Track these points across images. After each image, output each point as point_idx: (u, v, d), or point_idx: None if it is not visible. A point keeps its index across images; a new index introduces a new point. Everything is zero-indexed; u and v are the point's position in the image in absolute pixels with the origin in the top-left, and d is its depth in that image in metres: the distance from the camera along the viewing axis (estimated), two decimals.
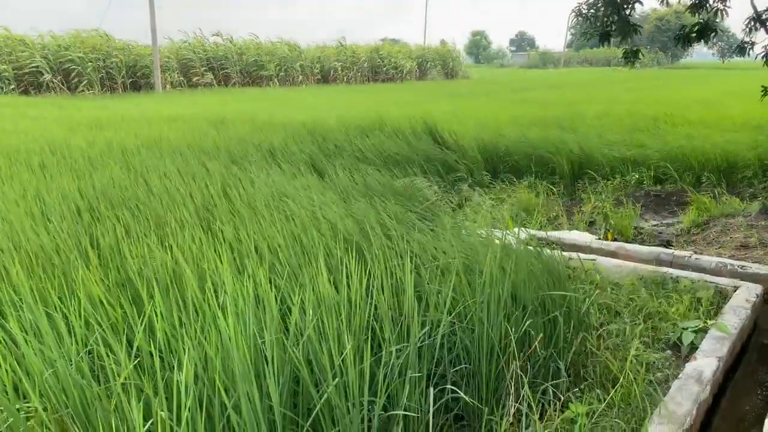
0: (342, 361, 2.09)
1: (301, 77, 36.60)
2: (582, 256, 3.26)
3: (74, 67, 27.71)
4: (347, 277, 2.42)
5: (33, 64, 26.64)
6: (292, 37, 40.57)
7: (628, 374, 2.67)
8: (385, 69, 42.11)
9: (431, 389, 2.18)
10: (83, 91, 27.67)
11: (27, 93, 26.11)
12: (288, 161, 6.42)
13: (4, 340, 2.11)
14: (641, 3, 7.58)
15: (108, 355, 1.97)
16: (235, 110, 13.71)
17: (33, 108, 15.73)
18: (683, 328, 3.29)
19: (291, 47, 36.99)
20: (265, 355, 2.00)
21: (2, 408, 1.87)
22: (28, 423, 1.89)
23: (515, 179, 7.19)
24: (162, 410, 1.66)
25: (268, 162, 6.46)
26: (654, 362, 3.03)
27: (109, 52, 29.14)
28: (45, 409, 1.86)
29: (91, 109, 14.76)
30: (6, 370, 1.94)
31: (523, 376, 2.43)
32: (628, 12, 7.62)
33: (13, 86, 25.89)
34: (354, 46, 41.53)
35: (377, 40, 45.36)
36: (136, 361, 2.02)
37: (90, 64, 28.12)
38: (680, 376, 2.82)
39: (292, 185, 4.58)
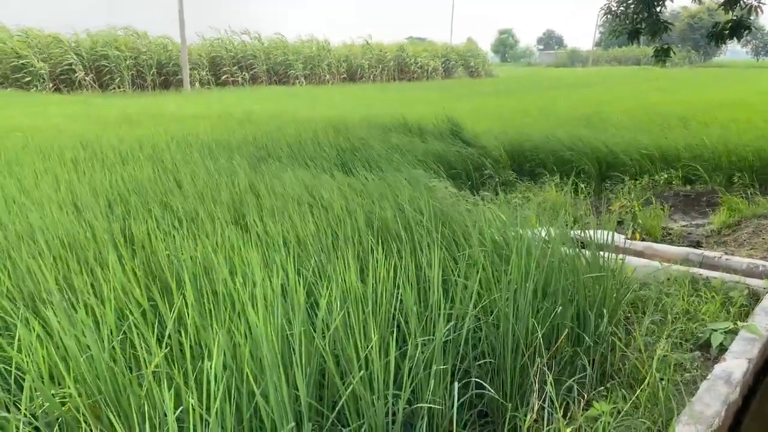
0: (367, 354, 2.11)
1: (327, 76, 36.77)
2: (609, 255, 3.23)
3: (106, 65, 28.24)
4: (374, 270, 2.43)
5: (67, 62, 27.18)
6: (320, 35, 40.77)
7: (655, 374, 2.64)
8: (410, 67, 42.08)
9: (456, 384, 2.19)
10: (114, 89, 28.18)
11: (60, 91, 26.66)
12: (314, 158, 6.47)
13: (40, 327, 2.17)
14: (672, 0, 7.47)
15: (141, 346, 2.01)
16: (263, 108, 13.83)
17: (66, 105, 16.07)
18: (712, 329, 3.24)
19: (319, 45, 37.16)
20: (293, 346, 2.03)
21: (39, 393, 1.93)
22: (63, 408, 1.94)
23: (541, 178, 7.15)
24: (192, 398, 1.70)
25: (294, 159, 6.51)
26: (682, 363, 2.99)
27: (139, 50, 29.61)
28: (79, 395, 1.91)
29: (122, 107, 15.03)
30: (42, 357, 2.00)
31: (548, 373, 2.43)
32: (658, 9, 7.51)
33: (47, 84, 26.45)
34: (380, 45, 41.58)
35: (403, 39, 45.33)
36: (166, 350, 2.06)
37: (122, 62, 28.63)
38: (709, 377, 2.78)
39: (318, 181, 4.62)
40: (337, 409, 2.07)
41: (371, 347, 2.08)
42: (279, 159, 6.35)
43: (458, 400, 2.19)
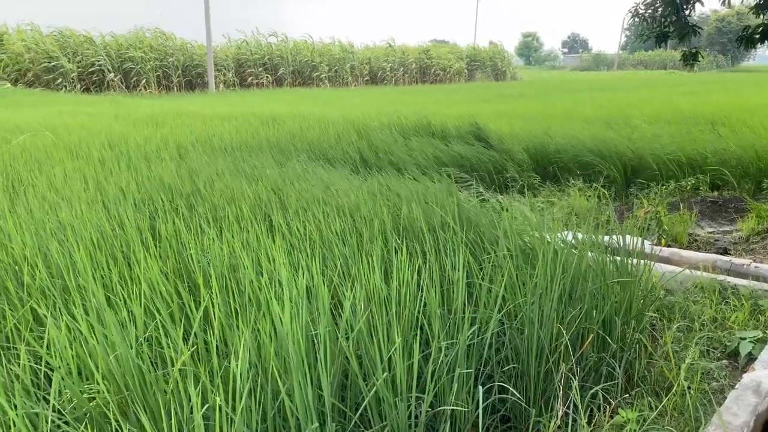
0: (390, 356, 2.11)
1: (350, 78, 36.93)
2: (635, 261, 3.19)
3: (133, 66, 28.68)
4: (398, 272, 2.44)
5: (97, 63, 27.66)
6: (343, 37, 41.06)
7: (682, 382, 2.60)
8: (433, 70, 42.07)
9: (480, 388, 2.18)
10: (141, 90, 28.62)
11: (88, 91, 27.16)
12: (338, 159, 6.49)
13: (69, 324, 2.20)
14: (702, 3, 7.37)
15: (168, 345, 2.04)
16: (287, 109, 13.92)
17: (94, 105, 16.34)
18: (741, 338, 3.18)
19: (343, 48, 37.36)
20: (317, 347, 2.04)
21: (68, 389, 1.96)
22: (91, 404, 1.97)
23: (565, 182, 7.08)
24: (218, 396, 1.72)
25: (318, 160, 6.55)
26: (710, 371, 2.94)
27: (166, 52, 30.04)
28: (108, 391, 1.94)
29: (147, 107, 15.23)
30: (72, 355, 2.03)
31: (573, 379, 2.41)
32: (687, 13, 7.41)
33: (76, 84, 26.95)
34: (403, 47, 41.66)
35: (426, 41, 45.34)
36: (193, 348, 2.08)
37: (149, 63, 29.08)
38: (737, 386, 2.73)
39: (343, 182, 4.64)
40: (359, 410, 2.07)
41: (394, 349, 2.08)
42: (302, 160, 6.39)
43: (482, 403, 2.18)
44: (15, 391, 1.78)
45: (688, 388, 2.65)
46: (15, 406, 1.78)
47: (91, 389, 2.03)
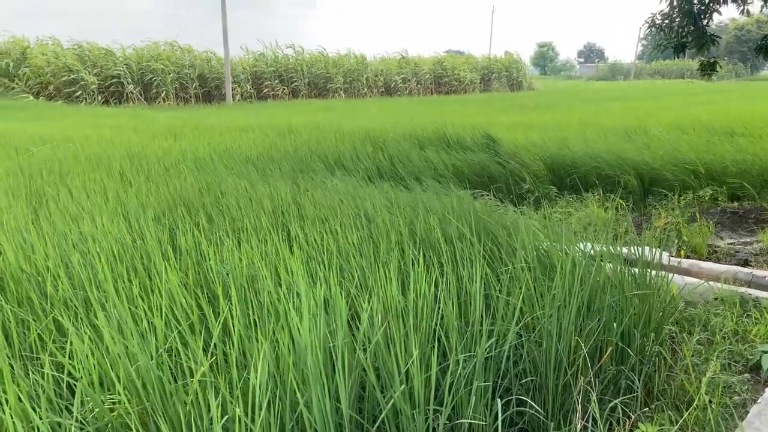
0: (407, 368, 2.11)
1: (365, 89, 37.13)
2: (654, 273, 3.17)
3: (153, 78, 29.09)
4: (415, 283, 2.44)
5: (116, 75, 28.09)
6: (358, 50, 41.38)
7: (703, 396, 2.57)
8: (447, 80, 42.15)
9: (498, 400, 2.18)
10: (160, 101, 29.00)
11: (108, 103, 27.56)
12: (354, 170, 6.53)
13: (91, 335, 2.24)
14: (720, 13, 7.32)
15: (188, 358, 2.06)
16: (303, 121, 14.02)
17: (113, 118, 16.57)
18: (763, 351, 3.14)
19: (357, 59, 37.60)
20: (334, 359, 2.05)
21: (89, 399, 1.99)
22: (112, 414, 2.00)
23: (582, 193, 7.05)
24: (237, 408, 1.73)
25: (333, 171, 6.58)
26: (731, 385, 2.90)
27: (184, 64, 30.43)
28: (128, 402, 1.96)
29: (166, 119, 15.42)
30: (93, 364, 2.06)
31: (592, 392, 2.39)
32: (705, 22, 7.36)
33: (96, 97, 27.37)
34: (417, 59, 41.81)
35: (441, 52, 45.47)
36: (212, 360, 2.10)
37: (168, 75, 29.48)
38: (759, 400, 2.69)
39: (359, 192, 4.66)
40: (377, 423, 2.07)
41: (412, 361, 2.08)
42: (319, 171, 6.42)
43: (500, 416, 2.18)
44: (41, 402, 1.81)
45: (710, 402, 2.62)
46: (40, 417, 1.81)
47: (113, 399, 2.06)
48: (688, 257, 4.94)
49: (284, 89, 33.68)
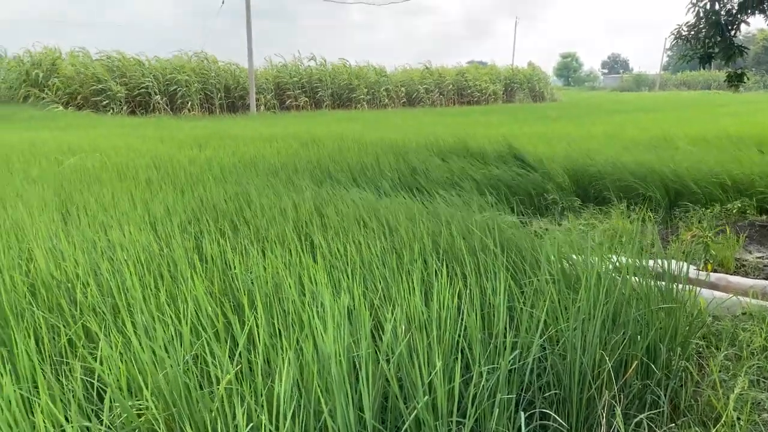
0: (431, 380, 2.11)
1: (387, 100, 37.31)
2: (680, 286, 3.13)
3: (178, 89, 29.56)
4: (438, 295, 2.45)
5: (144, 85, 28.60)
6: (379, 62, 41.70)
7: (731, 413, 2.53)
8: (470, 91, 42.14)
9: (522, 413, 2.16)
10: (186, 111, 29.44)
11: (134, 113, 28.04)
12: (376, 180, 6.55)
13: (121, 340, 2.28)
14: (747, 23, 7.23)
15: (214, 364, 2.09)
16: (326, 131, 14.12)
17: (140, 128, 16.85)
18: None
19: (377, 71, 37.84)
20: (358, 369, 2.06)
21: (118, 404, 2.02)
22: (140, 419, 2.03)
23: (606, 205, 6.98)
24: (263, 416, 1.75)
25: (356, 181, 6.62)
26: (760, 402, 2.85)
27: (209, 74, 30.87)
28: (156, 408, 1.99)
29: (191, 129, 15.64)
30: (122, 370, 2.10)
31: (617, 406, 2.36)
32: (732, 33, 7.28)
33: (123, 107, 27.89)
34: (440, 69, 41.88)
35: (464, 63, 45.52)
36: (238, 368, 2.13)
37: (193, 85, 29.93)
38: None
39: (382, 203, 4.68)
40: None
41: (435, 373, 2.08)
42: (341, 181, 6.47)
43: (523, 429, 2.16)
44: (72, 407, 1.85)
45: (738, 419, 2.57)
46: (68, 419, 1.84)
47: (140, 405, 2.09)
48: (715, 271, 4.87)
49: (307, 100, 33.99)
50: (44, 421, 1.78)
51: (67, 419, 1.86)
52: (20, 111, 24.33)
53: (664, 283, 3.06)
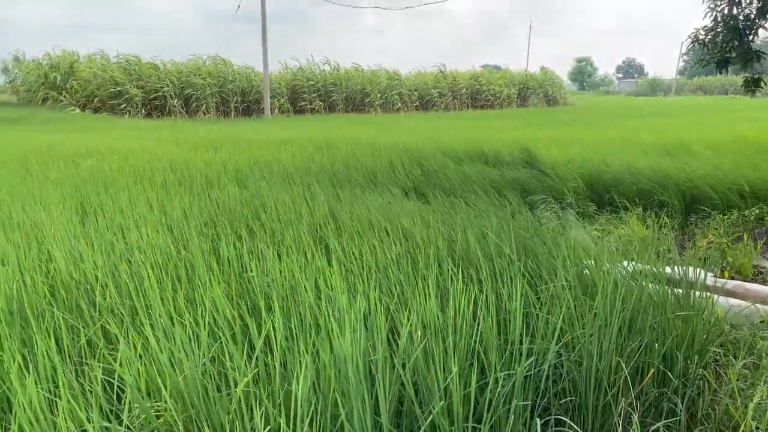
0: (446, 385, 2.11)
1: (400, 104, 37.35)
2: (697, 293, 3.10)
3: (194, 92, 29.79)
4: (454, 300, 2.45)
5: (161, 89, 28.88)
6: (392, 65, 41.76)
7: (750, 422, 2.50)
8: (484, 95, 42.08)
9: (537, 420, 2.16)
10: (201, 115, 29.66)
11: (150, 116, 28.29)
12: (390, 184, 6.56)
13: (139, 342, 2.30)
14: (766, 28, 7.17)
15: (231, 366, 2.10)
16: (340, 135, 14.16)
17: (156, 130, 16.99)
18: None
19: (390, 75, 37.92)
20: (374, 373, 2.07)
21: (137, 405, 2.05)
22: (159, 420, 2.05)
23: (622, 210, 6.94)
24: (281, 419, 1.76)
25: (370, 185, 6.63)
26: None
27: (224, 78, 31.09)
28: (174, 409, 2.01)
29: (206, 132, 15.75)
30: (141, 372, 2.12)
31: (633, 414, 2.35)
32: (750, 38, 7.22)
33: (139, 110, 28.17)
34: (454, 73, 41.85)
35: (477, 67, 45.47)
36: (255, 371, 2.14)
37: (208, 89, 30.16)
38: None
39: (398, 207, 4.69)
40: None
41: (451, 378, 2.09)
42: (356, 184, 6.48)
43: None
44: (93, 408, 1.87)
45: (756, 428, 2.55)
46: (89, 420, 1.87)
47: (158, 406, 2.11)
48: (732, 278, 4.82)
49: (321, 104, 34.14)
50: (65, 420, 1.80)
51: (88, 419, 1.89)
52: (38, 113, 24.66)
53: (680, 290, 3.04)
